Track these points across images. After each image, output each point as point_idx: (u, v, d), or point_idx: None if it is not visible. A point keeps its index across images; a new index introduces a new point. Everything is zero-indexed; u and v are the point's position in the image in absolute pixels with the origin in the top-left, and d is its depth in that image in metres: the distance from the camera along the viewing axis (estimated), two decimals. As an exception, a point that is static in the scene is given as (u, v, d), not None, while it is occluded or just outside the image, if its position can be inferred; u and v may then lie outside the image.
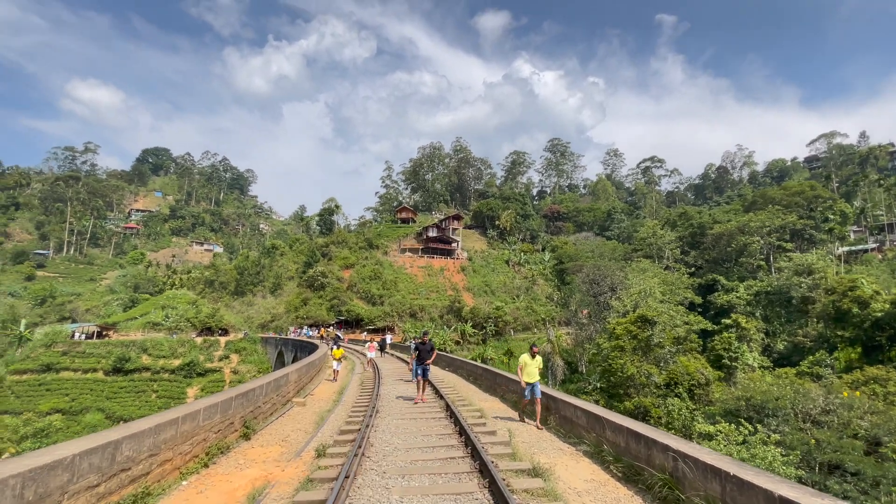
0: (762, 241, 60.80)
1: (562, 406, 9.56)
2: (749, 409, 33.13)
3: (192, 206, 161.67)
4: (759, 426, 31.83)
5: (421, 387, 13.30)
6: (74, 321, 74.56)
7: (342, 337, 43.93)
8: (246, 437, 8.16)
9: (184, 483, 6.12)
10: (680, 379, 38.58)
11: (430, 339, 13.58)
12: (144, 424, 5.60)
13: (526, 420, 10.46)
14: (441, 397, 12.85)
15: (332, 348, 19.32)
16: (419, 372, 13.27)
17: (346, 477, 6.00)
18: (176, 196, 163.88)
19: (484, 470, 6.30)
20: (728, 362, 41.93)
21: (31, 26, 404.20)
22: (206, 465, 6.77)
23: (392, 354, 35.12)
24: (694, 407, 34.87)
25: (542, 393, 10.18)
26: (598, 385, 46.64)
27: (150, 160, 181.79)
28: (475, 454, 7.01)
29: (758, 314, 50.11)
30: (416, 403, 12.30)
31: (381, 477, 6.37)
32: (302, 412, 11.56)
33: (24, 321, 59.38)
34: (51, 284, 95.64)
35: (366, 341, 36.01)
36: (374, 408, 11.16)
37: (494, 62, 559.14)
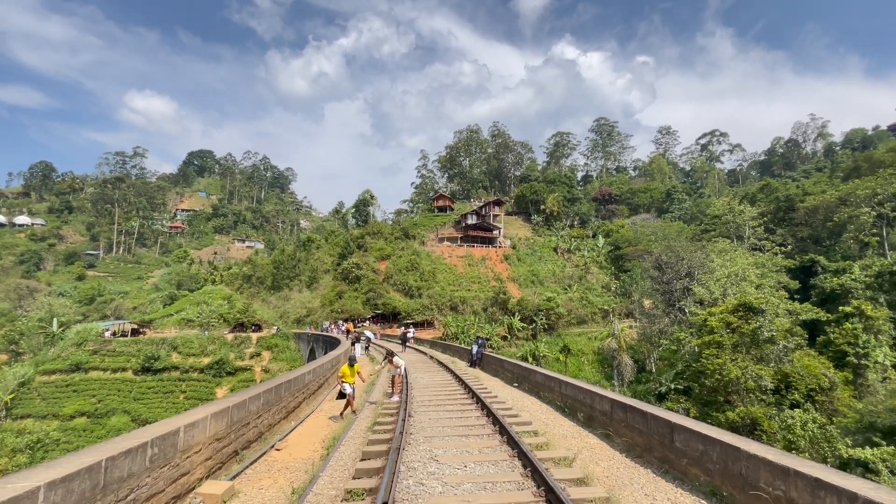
0: (873, 213, 50.18)
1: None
2: (910, 425, 24.83)
3: (235, 204, 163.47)
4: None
5: None
6: (116, 319, 74.10)
7: (373, 335, 35.22)
8: None
9: None
10: (796, 382, 30.45)
11: None
12: None
13: None
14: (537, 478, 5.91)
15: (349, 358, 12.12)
16: None
17: None
18: (219, 195, 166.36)
19: None
20: (854, 360, 33.22)
21: (87, 45, 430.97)
22: None
23: (431, 357, 27.76)
24: (823, 420, 26.83)
25: None
26: (673, 386, 38.95)
27: (196, 162, 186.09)
28: None
29: (882, 300, 40.41)
30: None
31: None
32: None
33: (56, 320, 58.55)
34: (99, 283, 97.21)
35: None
36: None
37: (529, 49, 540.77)
